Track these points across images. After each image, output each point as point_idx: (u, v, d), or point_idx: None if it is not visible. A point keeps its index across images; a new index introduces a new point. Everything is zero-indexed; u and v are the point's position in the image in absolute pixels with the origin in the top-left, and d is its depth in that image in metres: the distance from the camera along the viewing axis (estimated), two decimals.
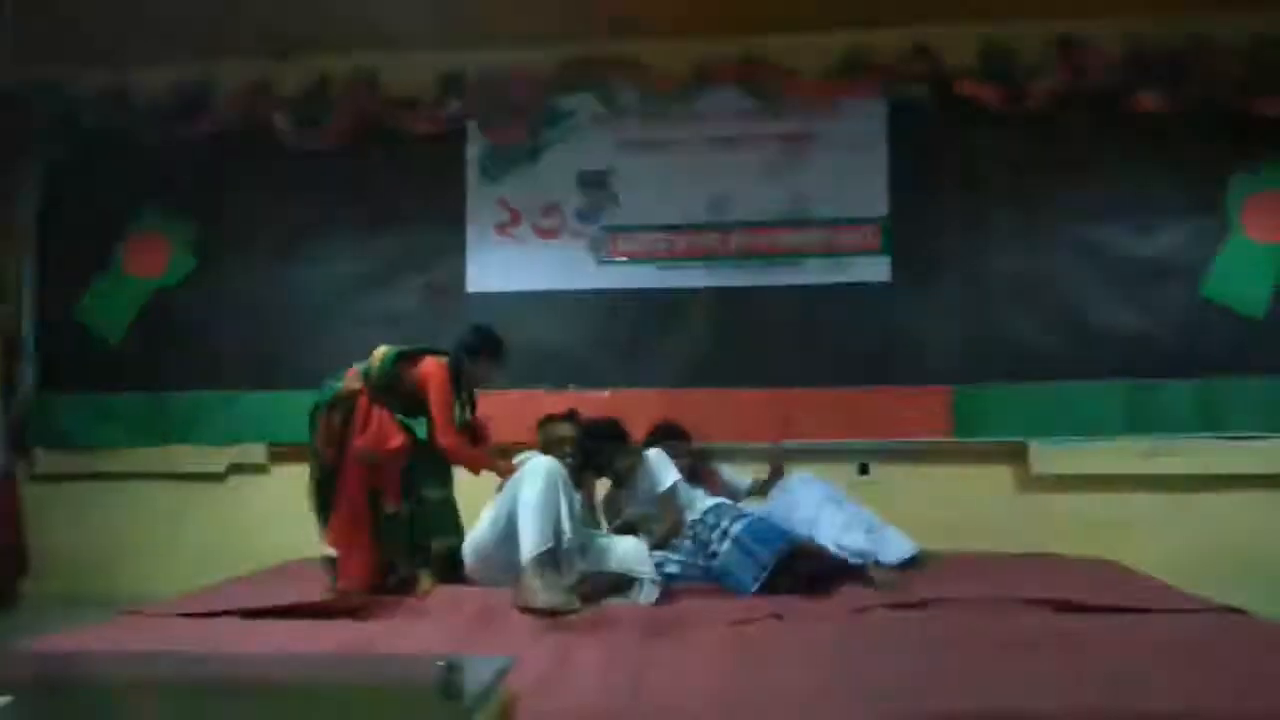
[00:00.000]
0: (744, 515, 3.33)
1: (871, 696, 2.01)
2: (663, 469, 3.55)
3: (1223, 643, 2.45)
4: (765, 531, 3.21)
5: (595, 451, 3.53)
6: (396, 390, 3.41)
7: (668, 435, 3.77)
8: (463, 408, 3.51)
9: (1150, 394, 4.25)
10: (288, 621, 2.83)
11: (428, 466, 3.42)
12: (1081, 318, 4.32)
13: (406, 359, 3.47)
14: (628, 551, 3.24)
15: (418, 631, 2.66)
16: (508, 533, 2.97)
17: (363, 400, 3.39)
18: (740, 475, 3.99)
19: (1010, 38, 4.39)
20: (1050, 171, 4.38)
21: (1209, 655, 2.33)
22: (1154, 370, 4.26)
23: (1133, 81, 4.27)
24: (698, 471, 3.81)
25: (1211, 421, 4.21)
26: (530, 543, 2.82)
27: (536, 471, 2.99)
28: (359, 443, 3.34)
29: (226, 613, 2.92)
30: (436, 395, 3.37)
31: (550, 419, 3.57)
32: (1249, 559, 4.15)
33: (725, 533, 3.23)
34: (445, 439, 3.36)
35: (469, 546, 3.22)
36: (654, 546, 3.30)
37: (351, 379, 3.46)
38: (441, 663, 1.45)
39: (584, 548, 3.12)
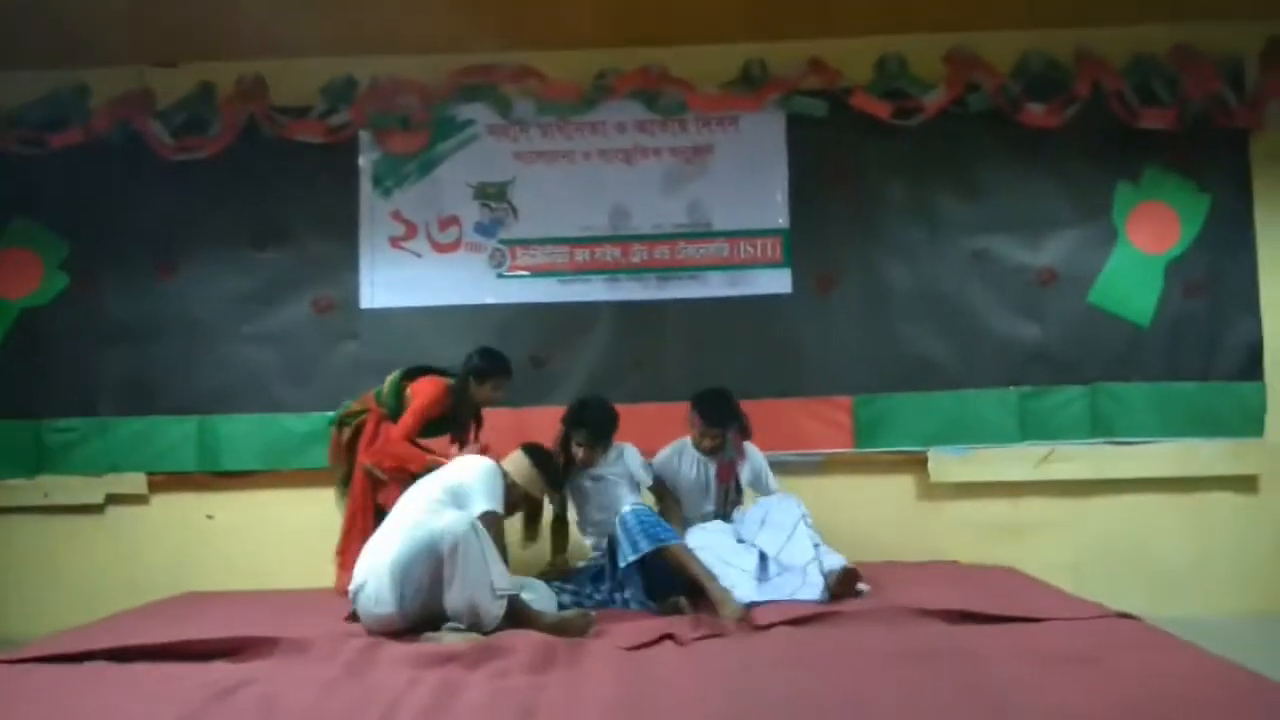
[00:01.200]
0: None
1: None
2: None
3: (1113, 652, 2.47)
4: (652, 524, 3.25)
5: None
6: (403, 408, 3.65)
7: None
8: (463, 428, 3.79)
9: (1043, 401, 4.33)
10: (154, 665, 2.66)
11: None
12: (976, 327, 4.38)
13: (411, 378, 3.74)
14: (544, 594, 3.24)
15: (291, 673, 2.52)
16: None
17: (372, 418, 3.72)
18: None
19: (904, 51, 4.44)
20: (944, 183, 4.44)
21: (1099, 665, 2.35)
22: (1046, 377, 4.35)
23: (1022, 95, 4.36)
24: None
25: (1102, 427, 4.31)
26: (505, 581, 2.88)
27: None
28: (363, 458, 3.64)
29: (92, 655, 2.75)
30: (417, 403, 3.62)
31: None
32: (1141, 561, 4.27)
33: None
34: (395, 432, 3.59)
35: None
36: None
37: (364, 400, 3.79)
38: None
39: None
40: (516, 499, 3.26)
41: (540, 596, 3.17)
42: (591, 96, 4.47)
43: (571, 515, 3.76)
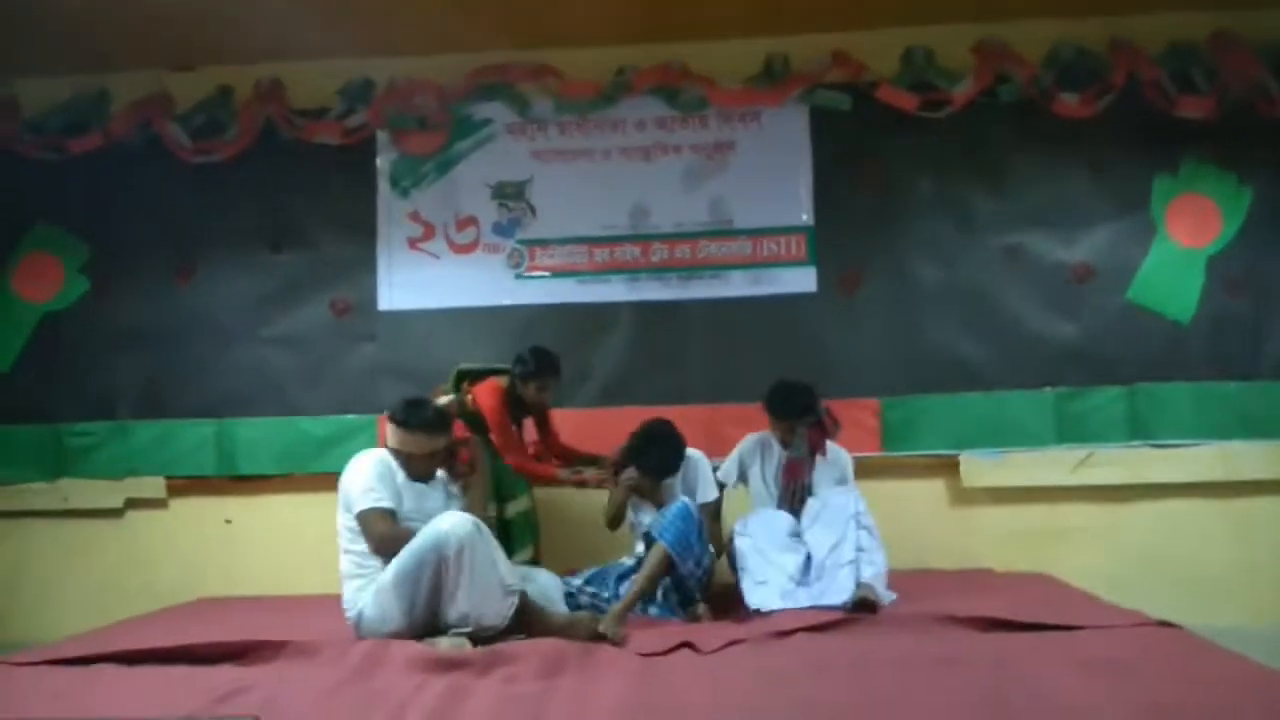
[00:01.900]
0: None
1: None
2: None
3: (1152, 659, 2.34)
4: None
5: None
6: (465, 410, 3.67)
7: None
8: (521, 425, 3.80)
9: (1079, 402, 4.17)
10: (160, 668, 2.62)
11: (508, 481, 3.64)
12: (1009, 325, 4.23)
13: (470, 379, 3.78)
14: (547, 583, 3.15)
15: (296, 676, 2.45)
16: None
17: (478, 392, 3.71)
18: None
19: (931, 43, 4.33)
20: (974, 177, 4.31)
21: (1136, 672, 2.22)
22: (1083, 378, 4.19)
23: (1054, 85, 4.23)
24: None
25: (1140, 429, 4.15)
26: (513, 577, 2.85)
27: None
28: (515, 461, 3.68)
29: (102, 658, 2.71)
30: (490, 419, 3.64)
31: None
32: (1182, 568, 4.09)
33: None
34: (508, 458, 3.63)
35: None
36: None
37: (434, 394, 3.71)
38: None
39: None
40: (417, 469, 3.04)
41: (543, 586, 3.09)
42: (610, 93, 4.40)
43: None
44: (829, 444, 3.61)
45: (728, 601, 3.24)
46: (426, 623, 2.79)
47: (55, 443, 4.44)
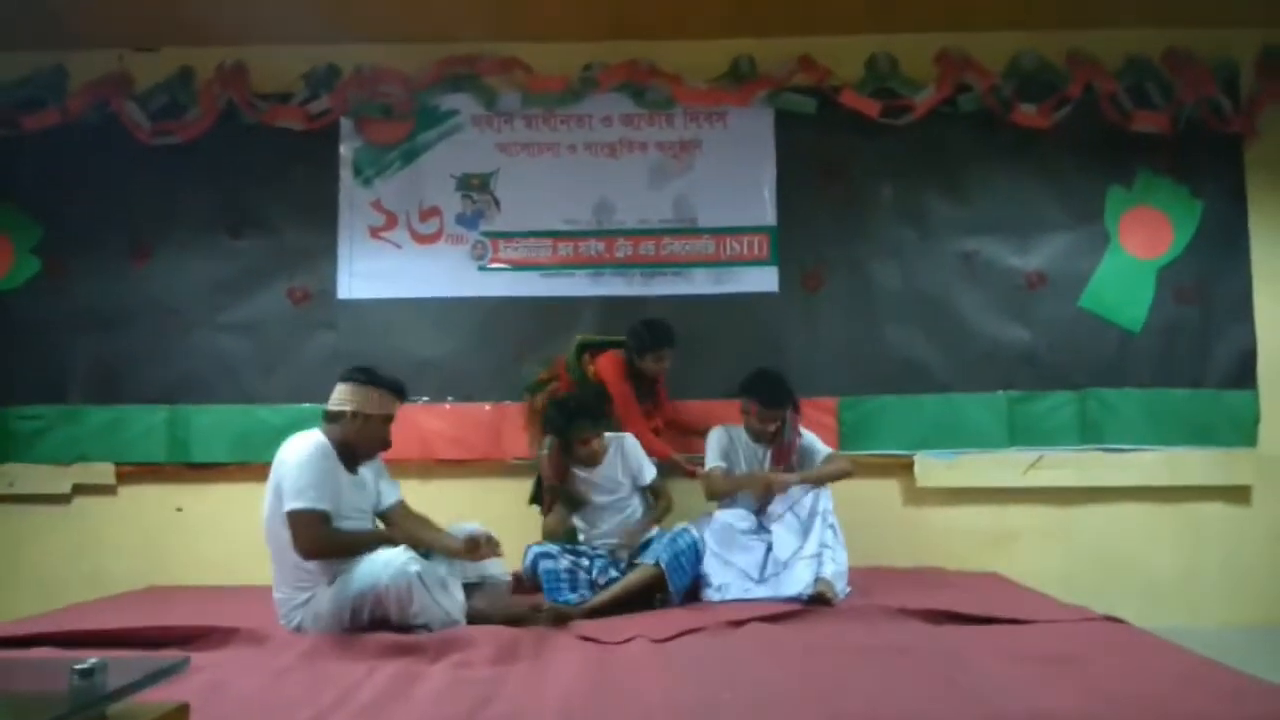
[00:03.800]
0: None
1: (711, 712, 1.87)
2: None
3: (1097, 652, 2.39)
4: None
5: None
6: (588, 381, 3.74)
7: None
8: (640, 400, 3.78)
9: (1031, 406, 4.25)
10: (101, 651, 2.55)
11: None
12: (964, 329, 4.30)
13: (590, 350, 3.84)
14: (499, 583, 3.13)
15: (244, 661, 2.42)
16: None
17: (562, 386, 3.80)
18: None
19: (895, 51, 4.39)
20: (934, 184, 4.38)
21: (1081, 664, 2.27)
22: (1035, 382, 4.27)
23: (1013, 96, 4.31)
24: None
25: (1091, 434, 4.23)
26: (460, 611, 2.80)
27: None
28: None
29: (39, 639, 2.65)
30: (613, 390, 3.69)
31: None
32: (1131, 570, 4.18)
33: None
34: (629, 428, 3.61)
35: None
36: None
37: (554, 368, 3.88)
38: (79, 665, 1.37)
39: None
40: (377, 434, 2.91)
41: (494, 587, 3.07)
42: (578, 89, 4.40)
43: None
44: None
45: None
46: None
47: (2, 426, 4.33)
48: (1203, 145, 4.32)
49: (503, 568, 3.10)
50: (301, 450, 2.79)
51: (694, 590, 3.24)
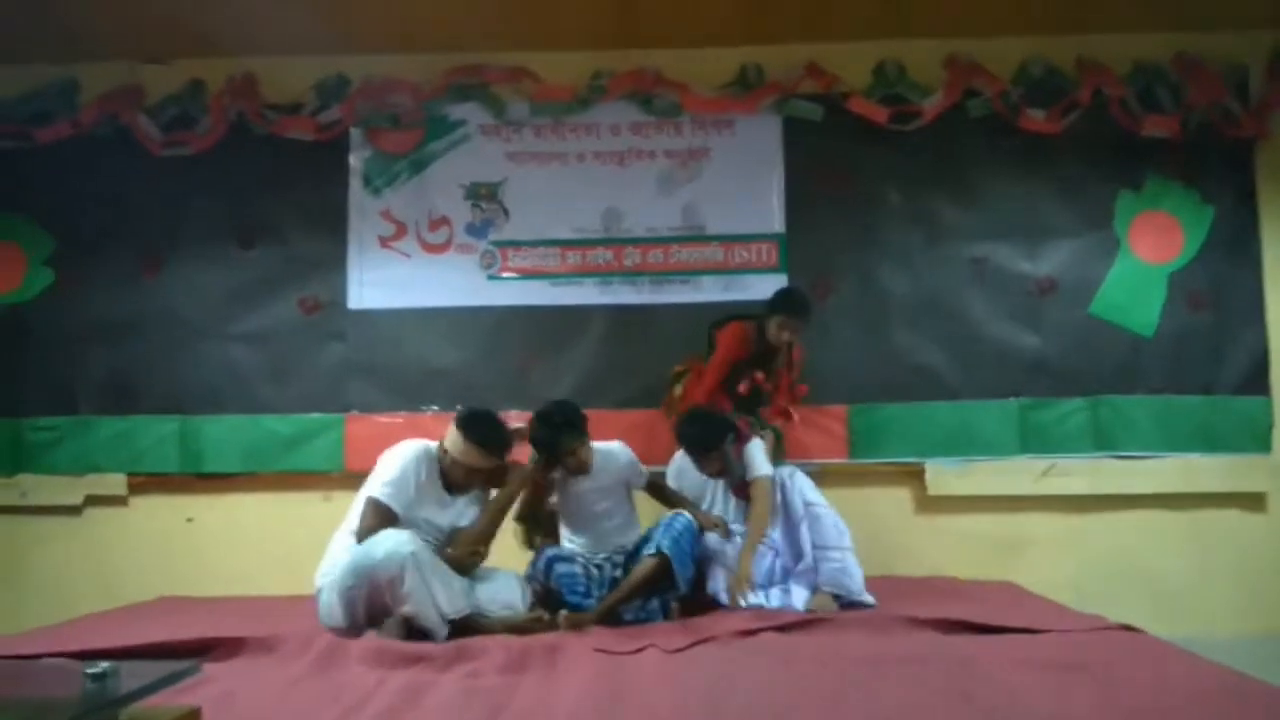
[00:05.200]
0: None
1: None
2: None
3: (1113, 661, 2.37)
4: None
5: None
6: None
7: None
8: (744, 367, 3.74)
9: (1043, 413, 4.23)
10: (122, 663, 2.56)
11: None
12: (976, 336, 4.28)
13: (721, 326, 3.83)
14: (503, 584, 3.12)
15: (255, 672, 2.41)
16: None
17: (694, 372, 3.83)
18: None
19: (902, 57, 4.38)
20: (942, 190, 4.37)
21: (1096, 672, 2.25)
22: (1046, 389, 4.25)
23: (1021, 101, 4.30)
24: None
25: (1103, 441, 4.21)
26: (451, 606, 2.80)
27: None
28: (682, 408, 3.71)
29: (55, 655, 2.65)
30: (716, 354, 3.75)
31: None
32: (1143, 579, 4.15)
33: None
34: (696, 394, 3.70)
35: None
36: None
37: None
38: (91, 670, 1.39)
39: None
40: (458, 477, 3.04)
41: (498, 588, 3.06)
42: (586, 98, 4.41)
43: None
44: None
45: (696, 602, 3.24)
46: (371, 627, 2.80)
47: (15, 437, 4.35)
48: (1213, 149, 4.31)
49: (518, 599, 3.07)
50: (400, 448, 3.00)
51: (699, 579, 3.22)
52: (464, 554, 2.98)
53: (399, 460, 2.94)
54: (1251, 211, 4.32)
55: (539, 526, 3.43)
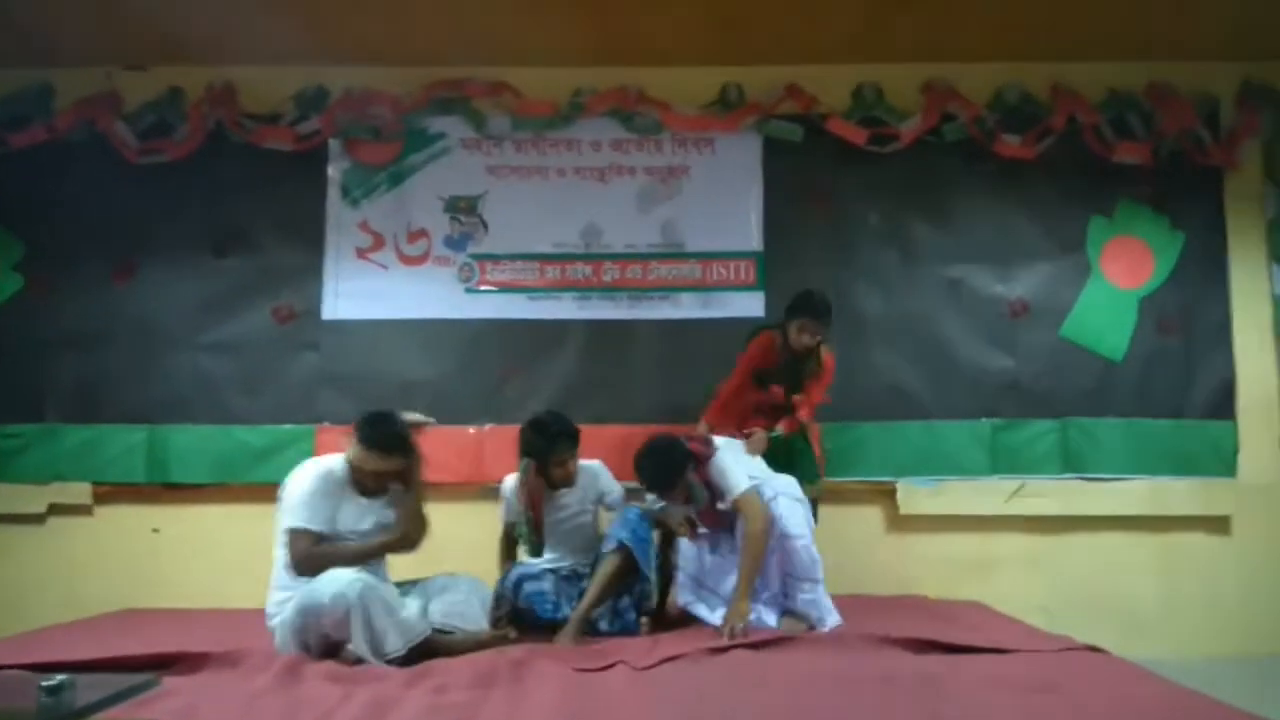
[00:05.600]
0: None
1: None
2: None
3: (1079, 681, 2.38)
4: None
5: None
6: None
7: None
8: (769, 377, 3.72)
9: (1013, 434, 4.27)
10: (74, 677, 2.52)
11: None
12: (948, 357, 4.32)
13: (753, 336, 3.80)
14: (468, 596, 3.08)
15: (217, 686, 2.38)
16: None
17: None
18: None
19: (881, 80, 4.44)
20: (918, 212, 4.41)
21: (1063, 692, 2.26)
22: (1017, 411, 4.29)
23: (997, 126, 4.36)
24: None
25: (1072, 463, 4.25)
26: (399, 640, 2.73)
27: None
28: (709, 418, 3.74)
29: (13, 667, 2.59)
30: (740, 363, 3.74)
31: None
32: (1111, 600, 4.19)
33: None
34: (714, 403, 3.75)
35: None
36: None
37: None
38: (47, 682, 1.39)
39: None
40: (368, 483, 2.93)
41: (463, 599, 3.02)
42: (567, 113, 4.43)
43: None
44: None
45: (666, 618, 3.23)
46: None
47: None
48: (1184, 177, 4.39)
49: (478, 619, 3.03)
50: (300, 472, 2.93)
51: (665, 585, 3.24)
52: (398, 537, 2.93)
53: (303, 484, 2.86)
54: (1220, 238, 4.40)
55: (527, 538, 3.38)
